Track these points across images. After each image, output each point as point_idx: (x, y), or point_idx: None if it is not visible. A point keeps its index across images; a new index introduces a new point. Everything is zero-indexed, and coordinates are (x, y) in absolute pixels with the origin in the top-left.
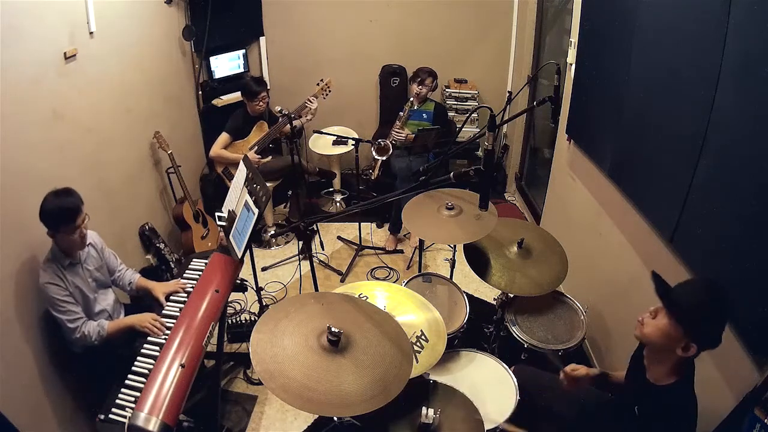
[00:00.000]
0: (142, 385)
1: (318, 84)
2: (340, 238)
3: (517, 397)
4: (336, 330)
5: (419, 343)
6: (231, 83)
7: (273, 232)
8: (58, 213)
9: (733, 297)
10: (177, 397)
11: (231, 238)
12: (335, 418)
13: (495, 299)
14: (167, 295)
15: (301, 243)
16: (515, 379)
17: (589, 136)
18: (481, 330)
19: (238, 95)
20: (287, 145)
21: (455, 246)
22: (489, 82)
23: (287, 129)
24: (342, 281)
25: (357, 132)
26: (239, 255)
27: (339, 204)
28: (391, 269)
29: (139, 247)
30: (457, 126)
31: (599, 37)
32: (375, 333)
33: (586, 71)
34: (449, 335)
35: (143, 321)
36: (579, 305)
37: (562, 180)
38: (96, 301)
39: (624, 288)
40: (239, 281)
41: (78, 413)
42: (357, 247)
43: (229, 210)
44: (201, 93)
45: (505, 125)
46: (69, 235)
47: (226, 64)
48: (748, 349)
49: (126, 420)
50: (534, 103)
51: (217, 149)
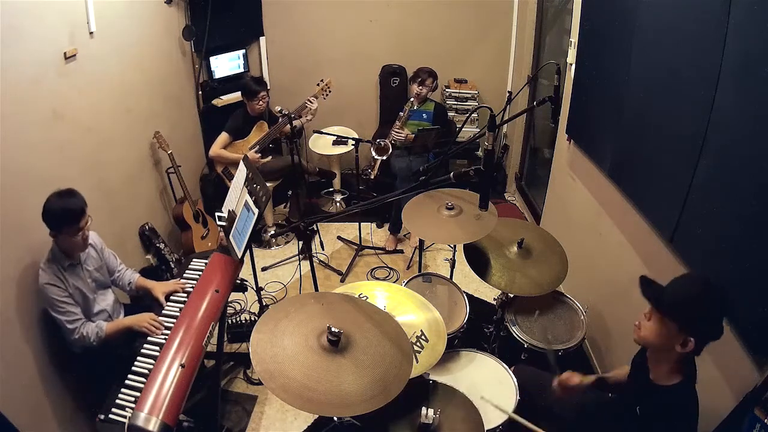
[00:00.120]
0: (142, 385)
1: (318, 84)
2: (340, 238)
3: (517, 397)
4: (336, 330)
5: (419, 343)
6: (231, 83)
7: (273, 232)
8: (61, 214)
9: (733, 297)
10: (177, 397)
11: (231, 238)
12: (335, 418)
13: (495, 299)
14: (167, 295)
15: (301, 243)
16: (515, 379)
17: (589, 136)
18: (481, 330)
19: (238, 95)
20: (287, 145)
21: (455, 246)
22: (489, 82)
23: (287, 129)
24: (342, 281)
25: (357, 132)
26: (239, 255)
27: (339, 204)
28: (391, 269)
29: (139, 247)
30: (457, 126)
31: (599, 37)
32: (375, 333)
33: (586, 71)
34: (449, 335)
35: (141, 321)
36: (579, 305)
37: (562, 180)
38: (95, 302)
39: (624, 288)
40: (239, 281)
41: (78, 413)
42: (357, 247)
43: (229, 210)
44: (201, 93)
45: (505, 125)
46: (71, 237)
47: (226, 64)
48: (748, 349)
49: (126, 420)
50: (534, 103)
51: (217, 149)
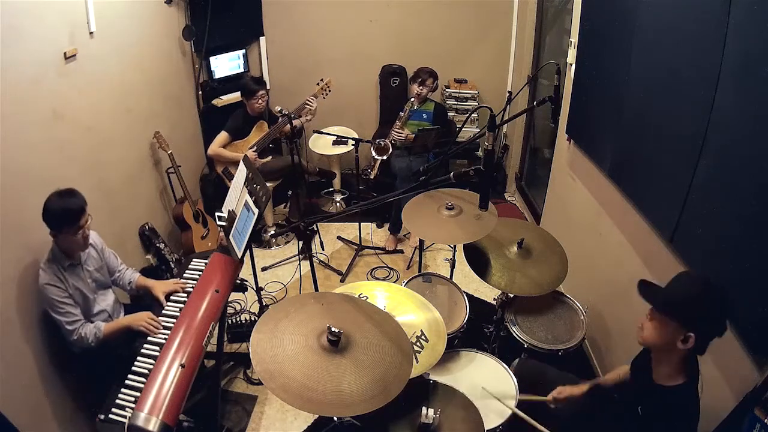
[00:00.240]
0: (142, 385)
1: (318, 84)
2: (340, 238)
3: (518, 397)
4: (336, 330)
5: (419, 343)
6: (231, 83)
7: (273, 232)
8: (61, 214)
9: (733, 297)
10: (177, 397)
11: (231, 238)
12: (335, 418)
13: (495, 299)
14: (167, 295)
15: (301, 243)
16: (515, 380)
17: (589, 136)
18: (481, 330)
19: (238, 95)
20: (287, 145)
21: (455, 246)
22: (489, 82)
23: (287, 129)
24: (342, 281)
25: (357, 132)
26: (239, 255)
27: (339, 204)
28: (391, 269)
29: (139, 247)
30: (457, 126)
31: (599, 37)
32: (375, 333)
33: (586, 71)
34: (449, 335)
35: (139, 321)
36: (579, 305)
37: (562, 180)
38: (96, 302)
39: (624, 288)
40: (239, 281)
41: (78, 413)
42: (357, 247)
43: (229, 210)
44: (201, 93)
45: (505, 125)
46: (72, 236)
47: (226, 64)
48: (748, 349)
49: (126, 420)
50: (534, 103)
51: (216, 147)
